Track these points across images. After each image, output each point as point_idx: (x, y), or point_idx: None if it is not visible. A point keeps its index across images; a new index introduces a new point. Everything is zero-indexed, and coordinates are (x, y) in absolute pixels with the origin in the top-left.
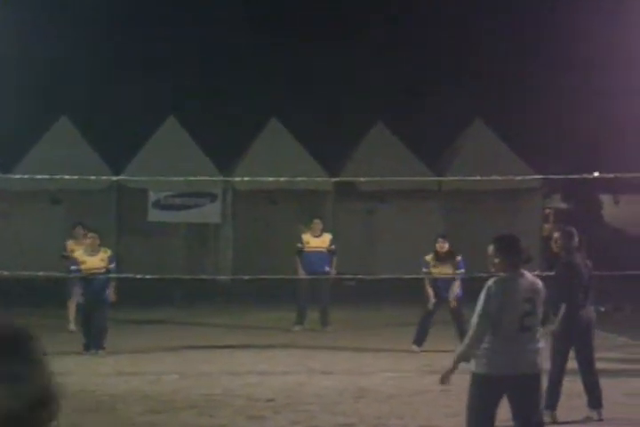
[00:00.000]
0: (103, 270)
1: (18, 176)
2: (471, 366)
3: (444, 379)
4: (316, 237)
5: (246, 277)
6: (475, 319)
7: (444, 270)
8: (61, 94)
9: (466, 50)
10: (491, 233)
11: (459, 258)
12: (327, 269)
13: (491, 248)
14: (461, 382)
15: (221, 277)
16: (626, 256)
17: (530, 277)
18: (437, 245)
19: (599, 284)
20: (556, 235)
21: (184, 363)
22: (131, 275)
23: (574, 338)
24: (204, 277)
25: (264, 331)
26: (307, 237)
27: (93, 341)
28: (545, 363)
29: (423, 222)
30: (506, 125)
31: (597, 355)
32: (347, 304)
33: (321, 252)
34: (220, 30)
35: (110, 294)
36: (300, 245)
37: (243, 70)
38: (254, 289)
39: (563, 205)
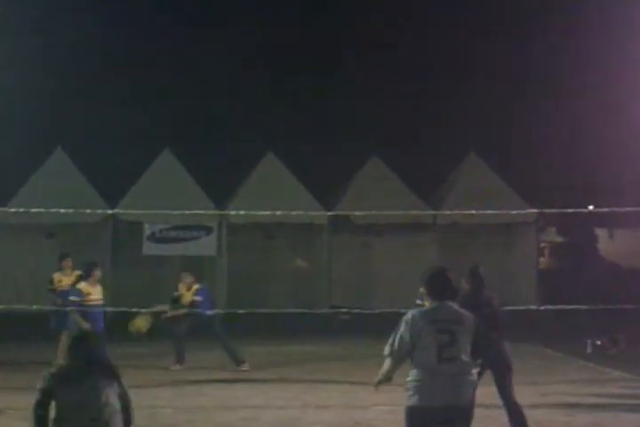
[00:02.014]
0: (101, 302)
1: (13, 210)
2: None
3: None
4: (188, 290)
5: (241, 311)
6: (387, 349)
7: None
8: (57, 127)
9: (460, 83)
10: (486, 267)
11: None
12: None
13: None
14: None
15: (216, 310)
16: (621, 290)
17: (454, 308)
18: None
19: (594, 317)
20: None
21: (179, 397)
22: (125, 308)
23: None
24: (198, 310)
25: (259, 364)
26: (182, 288)
27: None
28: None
29: (418, 256)
30: (500, 159)
31: (593, 389)
32: (342, 338)
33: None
34: (216, 63)
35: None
36: (176, 293)
37: (240, 103)
38: (249, 322)
39: (558, 239)
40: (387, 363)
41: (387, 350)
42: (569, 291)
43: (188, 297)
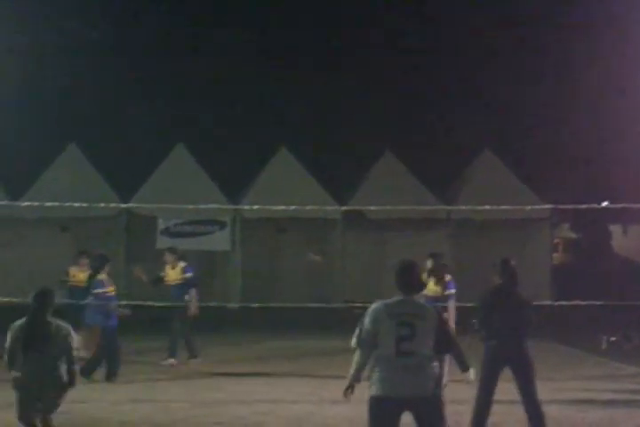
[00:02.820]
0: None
1: (27, 203)
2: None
3: (345, 393)
4: (173, 268)
5: (255, 305)
6: (354, 340)
7: (431, 287)
8: (70, 122)
9: (475, 80)
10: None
11: (448, 277)
12: (186, 297)
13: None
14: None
15: (230, 304)
16: (634, 286)
17: (417, 303)
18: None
19: (607, 313)
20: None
21: (194, 391)
22: (140, 302)
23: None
24: (212, 304)
25: (273, 359)
26: (167, 268)
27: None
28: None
29: (432, 251)
30: (515, 155)
31: (609, 385)
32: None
33: (177, 284)
34: (228, 59)
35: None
36: (162, 273)
37: (252, 99)
38: (263, 317)
39: (572, 235)
40: (356, 357)
41: (354, 341)
42: (583, 287)
43: (173, 275)
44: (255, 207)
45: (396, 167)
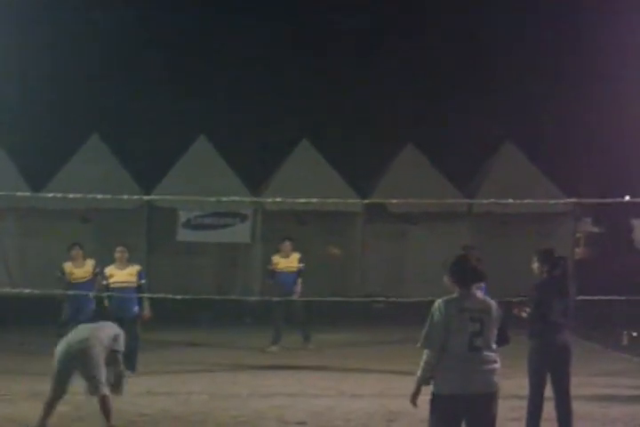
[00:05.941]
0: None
1: (51, 195)
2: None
3: (413, 401)
4: (285, 257)
5: (276, 299)
6: (422, 341)
7: None
8: (92, 113)
9: (496, 71)
10: (521, 257)
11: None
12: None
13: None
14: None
15: (251, 297)
16: None
17: (480, 296)
18: None
19: (629, 308)
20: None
21: (214, 384)
22: (160, 295)
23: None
24: (233, 297)
25: (293, 352)
26: (276, 258)
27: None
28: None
29: (453, 245)
30: (536, 148)
31: (630, 381)
32: (376, 327)
33: (290, 271)
34: (251, 50)
35: (145, 311)
36: (269, 266)
37: (274, 90)
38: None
39: (594, 229)
40: (425, 358)
41: (421, 342)
42: (605, 281)
43: (285, 264)
44: (277, 200)
45: (417, 160)
